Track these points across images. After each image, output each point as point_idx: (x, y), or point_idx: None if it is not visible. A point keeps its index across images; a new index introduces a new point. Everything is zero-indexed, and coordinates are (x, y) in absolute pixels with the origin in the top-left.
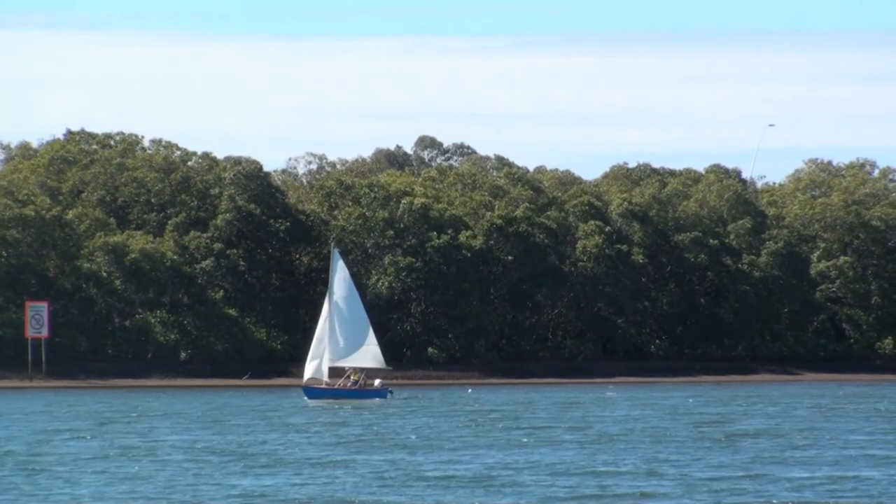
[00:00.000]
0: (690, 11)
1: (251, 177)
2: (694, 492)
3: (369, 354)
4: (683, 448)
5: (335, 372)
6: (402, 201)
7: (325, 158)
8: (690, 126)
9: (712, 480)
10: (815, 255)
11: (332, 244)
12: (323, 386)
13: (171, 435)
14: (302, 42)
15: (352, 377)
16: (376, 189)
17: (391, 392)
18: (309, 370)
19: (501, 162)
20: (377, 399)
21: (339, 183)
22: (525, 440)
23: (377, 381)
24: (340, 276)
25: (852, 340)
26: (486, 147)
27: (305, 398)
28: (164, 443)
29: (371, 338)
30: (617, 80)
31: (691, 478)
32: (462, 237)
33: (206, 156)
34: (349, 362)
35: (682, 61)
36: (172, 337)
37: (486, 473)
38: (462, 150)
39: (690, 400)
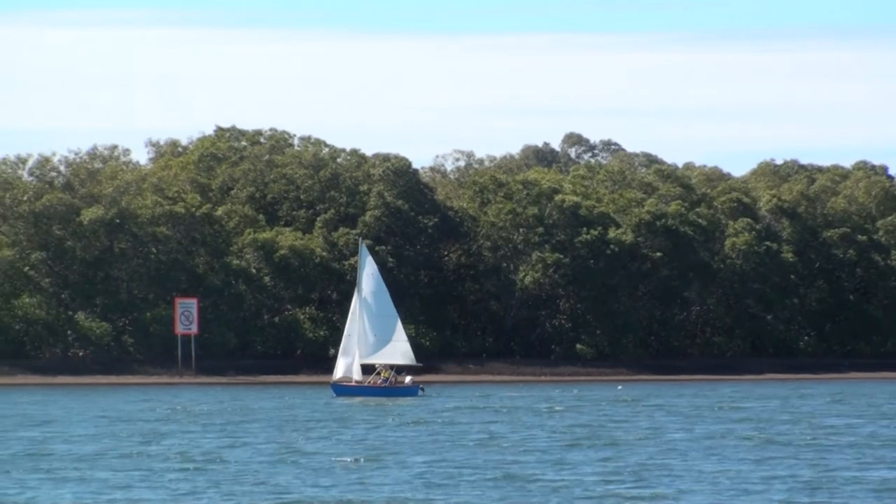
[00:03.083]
0: (837, 6)
1: (400, 173)
2: None
3: (399, 351)
4: None
5: (365, 369)
6: (554, 198)
7: (473, 155)
8: (835, 122)
9: None
10: None
11: (361, 239)
12: (353, 384)
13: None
14: (450, 39)
15: (382, 374)
16: (530, 186)
17: (422, 389)
18: (340, 369)
19: (649, 159)
20: (408, 397)
21: (492, 179)
22: None
23: (408, 379)
24: (369, 272)
25: None
26: (632, 143)
27: (334, 395)
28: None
29: (400, 333)
30: (762, 77)
31: None
32: (611, 233)
33: (354, 153)
34: (379, 359)
35: (826, 57)
36: (321, 333)
37: None
38: (609, 146)
39: None
